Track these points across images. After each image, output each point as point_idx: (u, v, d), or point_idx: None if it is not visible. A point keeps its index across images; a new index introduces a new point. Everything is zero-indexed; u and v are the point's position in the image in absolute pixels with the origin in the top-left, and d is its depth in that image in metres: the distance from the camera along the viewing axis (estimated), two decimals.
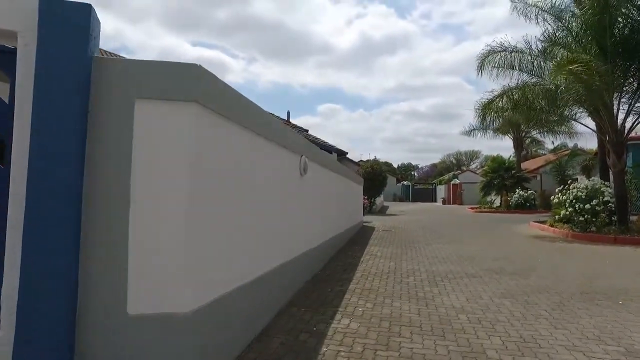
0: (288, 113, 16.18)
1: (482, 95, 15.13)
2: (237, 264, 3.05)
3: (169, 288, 2.26)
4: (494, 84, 46.04)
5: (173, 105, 2.33)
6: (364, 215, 16.73)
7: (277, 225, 4.10)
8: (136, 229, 2.24)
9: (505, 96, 13.00)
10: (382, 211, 25.61)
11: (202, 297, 2.43)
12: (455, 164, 73.64)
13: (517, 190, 24.04)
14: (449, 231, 12.79)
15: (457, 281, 5.62)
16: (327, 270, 6.28)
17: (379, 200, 25.82)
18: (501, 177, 25.03)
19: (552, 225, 12.14)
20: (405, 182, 51.98)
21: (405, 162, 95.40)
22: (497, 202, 26.35)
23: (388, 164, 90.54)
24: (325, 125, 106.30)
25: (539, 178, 28.08)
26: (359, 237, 10.93)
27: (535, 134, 25.95)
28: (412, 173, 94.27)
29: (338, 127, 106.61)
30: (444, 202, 39.32)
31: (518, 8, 12.36)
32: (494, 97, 13.16)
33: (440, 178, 47.27)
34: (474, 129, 25.35)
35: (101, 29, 2.38)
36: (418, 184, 54.38)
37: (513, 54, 12.82)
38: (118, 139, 2.27)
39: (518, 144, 26.09)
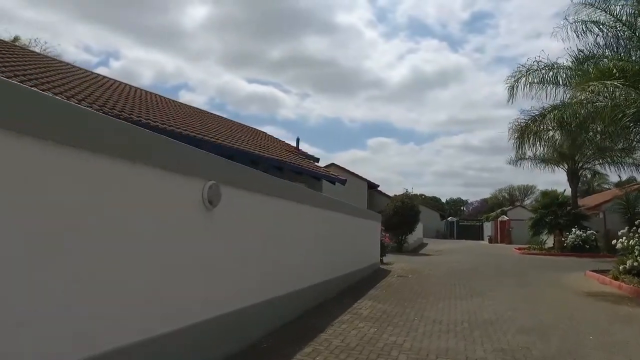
0: (297, 140, 14.86)
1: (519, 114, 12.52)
2: None
3: None
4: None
5: None
6: (383, 255, 14.67)
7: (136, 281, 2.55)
8: None
9: (549, 115, 10.77)
10: (416, 250, 23.15)
11: None
12: (508, 200, 68.26)
13: (573, 229, 20.74)
14: (479, 279, 10.49)
15: None
16: (271, 339, 4.54)
17: (413, 237, 23.36)
18: (554, 213, 21.83)
19: (616, 278, 9.46)
20: (449, 218, 48.44)
21: (456, 197, 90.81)
22: (550, 243, 22.97)
23: (436, 199, 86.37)
24: (375, 159, 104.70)
25: (601, 216, 24.35)
26: (362, 285, 9.02)
27: (594, 165, 22.72)
28: (462, 208, 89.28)
29: (387, 160, 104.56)
30: (490, 241, 35.72)
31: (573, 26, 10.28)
32: (533, 115, 10.99)
33: (487, 214, 43.48)
34: (520, 158, 22.74)
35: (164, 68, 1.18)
36: (464, 220, 50.56)
37: (557, 70, 10.69)
38: None
39: (573, 176, 22.88)
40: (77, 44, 68.90)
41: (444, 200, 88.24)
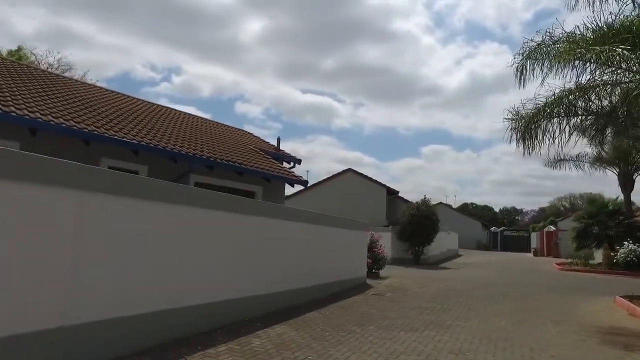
0: (278, 139, 13.50)
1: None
2: None
3: None
4: None
5: None
6: (379, 268, 12.86)
7: None
8: None
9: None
10: (439, 263, 20.80)
11: None
12: (569, 209, 61.65)
13: (625, 242, 17.47)
14: (464, 303, 8.46)
15: None
16: None
17: (438, 248, 20.93)
18: (602, 223, 18.58)
19: None
20: (492, 228, 44.48)
21: (517, 206, 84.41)
22: (599, 257, 19.64)
23: (488, 208, 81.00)
24: (430, 167, 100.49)
25: None
26: (310, 304, 7.37)
27: None
28: (517, 218, 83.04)
29: (443, 168, 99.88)
30: (535, 254, 32.02)
31: None
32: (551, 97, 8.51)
33: (534, 224, 39.31)
34: (560, 160, 19.79)
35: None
36: (513, 231, 46.31)
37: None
38: None
39: (626, 181, 19.46)
40: (144, 63, 73.47)
41: (496, 210, 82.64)
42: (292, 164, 13.42)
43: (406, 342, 5.18)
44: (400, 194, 26.85)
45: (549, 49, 8.65)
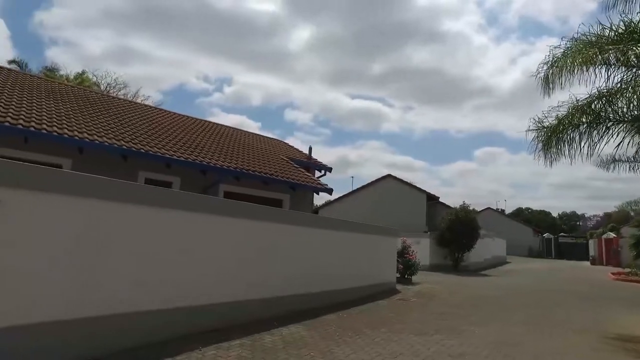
0: (310, 148, 13.91)
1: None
2: None
3: None
4: None
5: None
6: (412, 274, 12.87)
7: None
8: None
9: None
10: (480, 269, 20.19)
11: None
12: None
13: None
14: (486, 309, 8.34)
15: None
16: None
17: (474, 255, 20.26)
18: None
19: None
20: (545, 235, 42.05)
21: (578, 211, 79.00)
22: None
23: (545, 213, 76.51)
24: (483, 170, 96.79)
25: None
26: (323, 308, 7.66)
27: None
28: (578, 223, 77.62)
29: (497, 171, 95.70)
30: (592, 262, 29.93)
31: None
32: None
33: (592, 231, 36.72)
34: (614, 160, 18.53)
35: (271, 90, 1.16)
36: (566, 237, 43.53)
37: None
38: None
39: None
40: (197, 75, 77.96)
41: (554, 215, 77.78)
42: (323, 172, 13.83)
43: (410, 344, 5.35)
44: (448, 199, 26.38)
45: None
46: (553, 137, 8.43)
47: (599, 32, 7.65)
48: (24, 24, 59.51)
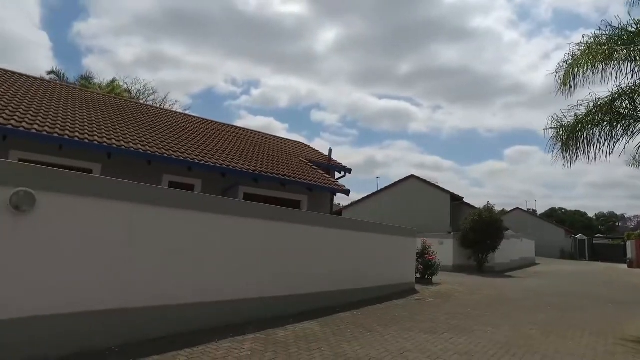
0: (330, 150, 14.11)
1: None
2: None
3: None
4: None
5: None
6: (432, 274, 12.85)
7: None
8: None
9: None
10: (506, 271, 19.80)
11: None
12: None
13: None
14: (517, 313, 8.28)
15: None
16: None
17: (499, 256, 19.83)
18: None
19: None
20: (578, 236, 40.51)
21: (617, 211, 75.39)
22: None
23: (580, 213, 73.56)
24: (514, 170, 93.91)
25: None
26: (334, 308, 7.86)
27: None
28: (617, 224, 74.22)
29: (529, 171, 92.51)
30: (629, 265, 28.68)
31: None
32: None
33: (630, 232, 35.11)
34: None
35: (298, 91, 1.77)
36: (602, 238, 41.79)
37: None
38: None
39: None
40: (226, 79, 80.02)
41: (591, 215, 74.57)
42: (343, 173, 14.01)
43: (419, 342, 5.47)
44: (477, 199, 26.13)
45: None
46: (572, 136, 8.31)
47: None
48: (64, 35, 62.95)
